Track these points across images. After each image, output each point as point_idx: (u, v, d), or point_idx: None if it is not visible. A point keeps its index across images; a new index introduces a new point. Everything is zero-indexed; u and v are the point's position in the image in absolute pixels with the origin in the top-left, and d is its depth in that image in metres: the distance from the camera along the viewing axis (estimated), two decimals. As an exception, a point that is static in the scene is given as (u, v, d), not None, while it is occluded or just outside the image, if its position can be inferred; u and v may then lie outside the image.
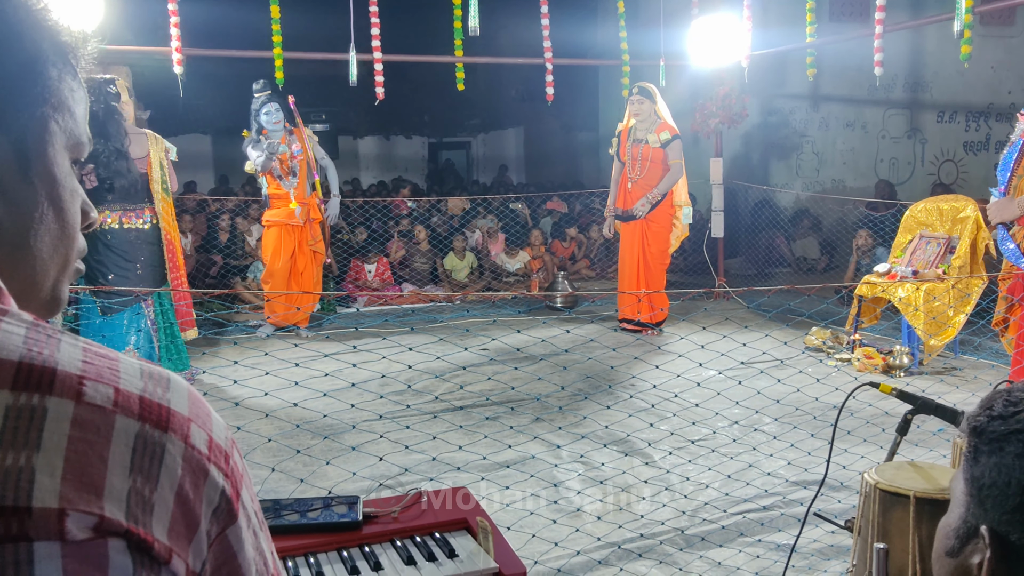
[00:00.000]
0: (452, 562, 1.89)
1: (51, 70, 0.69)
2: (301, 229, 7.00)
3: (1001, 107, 9.30)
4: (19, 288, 0.67)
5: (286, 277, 7.02)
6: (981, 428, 0.89)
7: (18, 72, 0.67)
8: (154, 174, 5.38)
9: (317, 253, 7.15)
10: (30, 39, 0.68)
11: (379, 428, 4.09)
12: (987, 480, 0.86)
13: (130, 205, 5.24)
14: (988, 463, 0.86)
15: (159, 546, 0.59)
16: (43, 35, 0.69)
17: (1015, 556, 0.83)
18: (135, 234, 5.26)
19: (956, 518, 0.91)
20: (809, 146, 11.32)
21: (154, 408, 0.62)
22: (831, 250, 10.02)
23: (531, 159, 17.59)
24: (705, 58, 7.86)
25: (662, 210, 7.10)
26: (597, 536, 3.32)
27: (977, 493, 0.87)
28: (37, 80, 0.68)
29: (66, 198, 0.71)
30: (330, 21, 8.28)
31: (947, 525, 0.93)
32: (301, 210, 6.91)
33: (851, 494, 3.64)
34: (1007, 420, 0.86)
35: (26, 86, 0.67)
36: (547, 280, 9.28)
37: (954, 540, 0.90)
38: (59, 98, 0.70)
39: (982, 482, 0.87)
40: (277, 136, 6.88)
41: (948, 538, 0.92)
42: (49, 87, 0.69)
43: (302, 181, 6.98)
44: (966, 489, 0.90)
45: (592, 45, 13.07)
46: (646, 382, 5.24)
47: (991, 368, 5.86)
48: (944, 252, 5.95)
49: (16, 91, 0.67)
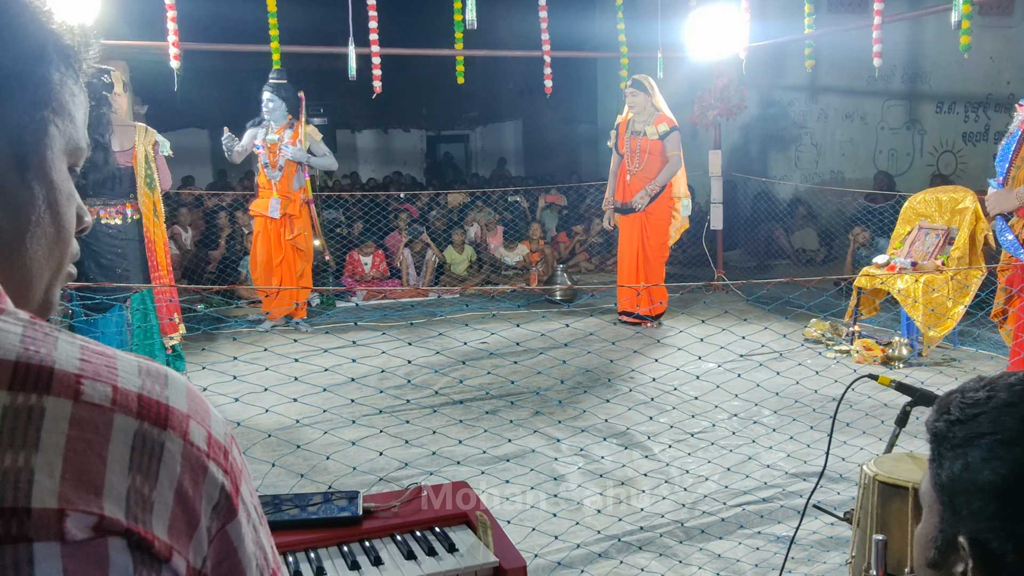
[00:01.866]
0: (452, 556, 1.89)
1: (53, 73, 0.69)
2: (278, 222, 7.00)
3: (1000, 97, 9.29)
4: (13, 290, 0.67)
5: (266, 268, 7.05)
6: (941, 434, 0.86)
7: (20, 74, 0.67)
8: (138, 168, 5.13)
9: (299, 250, 7.07)
10: (33, 42, 0.68)
11: (379, 423, 4.09)
12: (957, 487, 0.83)
13: (110, 200, 5.02)
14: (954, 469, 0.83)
15: (159, 544, 0.59)
16: (47, 38, 0.69)
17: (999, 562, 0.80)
18: (114, 230, 5.01)
19: (932, 527, 0.88)
20: (808, 138, 11.31)
21: (153, 406, 0.62)
22: (830, 242, 10.01)
23: (529, 152, 17.57)
24: (703, 50, 7.85)
25: (661, 202, 7.09)
26: (597, 529, 3.32)
27: (949, 501, 0.84)
28: (39, 83, 0.68)
29: (63, 202, 0.70)
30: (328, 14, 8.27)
31: (924, 535, 0.90)
32: (280, 203, 6.91)
33: (850, 486, 3.65)
34: (967, 424, 0.83)
35: (27, 89, 0.67)
36: (546, 273, 9.28)
37: (933, 551, 0.87)
38: (60, 102, 0.70)
39: (952, 489, 0.84)
40: (277, 125, 6.96)
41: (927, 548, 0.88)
42: (51, 91, 0.69)
43: (287, 175, 6.96)
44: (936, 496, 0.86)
45: (590, 37, 13.04)
46: (645, 375, 5.24)
47: (990, 359, 5.86)
48: (943, 243, 5.95)
49: (17, 93, 0.66)
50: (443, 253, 9.42)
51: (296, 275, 7.07)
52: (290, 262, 7.07)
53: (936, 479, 0.86)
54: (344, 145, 16.75)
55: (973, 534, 0.82)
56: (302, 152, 6.96)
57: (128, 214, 5.08)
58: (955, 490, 0.83)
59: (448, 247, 9.51)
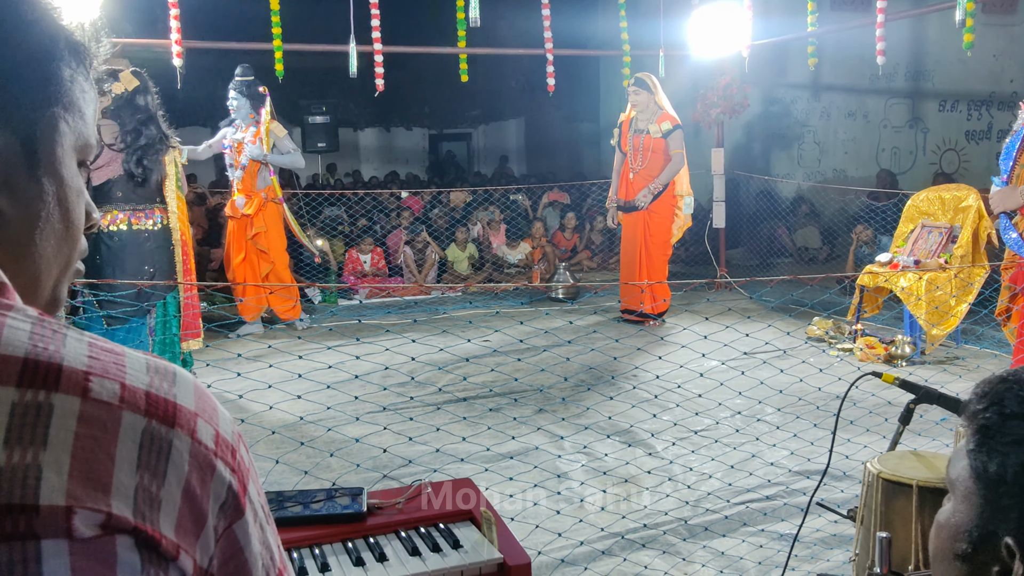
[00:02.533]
0: (457, 553, 1.89)
1: (64, 70, 0.69)
2: (240, 221, 6.86)
3: (1003, 96, 9.26)
4: (21, 286, 0.66)
5: (230, 268, 6.97)
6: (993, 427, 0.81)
7: (31, 71, 0.66)
8: (169, 171, 5.08)
9: (262, 251, 6.88)
10: (44, 38, 0.67)
11: (382, 420, 4.10)
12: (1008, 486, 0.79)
13: (139, 205, 4.94)
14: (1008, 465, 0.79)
15: (167, 543, 0.59)
16: (57, 34, 0.69)
17: None
18: (144, 236, 4.95)
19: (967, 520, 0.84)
20: (810, 136, 11.29)
21: (160, 403, 0.62)
22: (832, 240, 10.00)
23: (532, 150, 17.56)
24: (706, 48, 7.84)
25: (664, 201, 7.09)
26: (600, 526, 3.32)
27: (995, 498, 0.80)
28: (50, 79, 0.68)
29: (72, 198, 0.70)
30: (330, 12, 8.26)
31: (954, 525, 0.86)
32: (245, 201, 6.79)
33: (854, 483, 3.64)
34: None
35: (38, 85, 0.67)
36: (548, 272, 9.28)
37: (966, 544, 0.83)
38: (70, 98, 0.70)
39: (1001, 488, 0.80)
40: (243, 123, 6.83)
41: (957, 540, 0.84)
42: (61, 87, 0.69)
43: (250, 174, 6.81)
44: (976, 489, 0.82)
45: (593, 35, 13.02)
46: (648, 373, 5.24)
47: (993, 357, 5.85)
48: (946, 241, 5.94)
49: (28, 89, 0.66)
50: (445, 251, 9.42)
51: (260, 276, 6.88)
52: (252, 263, 6.92)
53: (981, 471, 0.82)
54: (346, 143, 16.74)
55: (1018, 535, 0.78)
56: (259, 150, 6.72)
57: (158, 219, 5.00)
58: (1004, 490, 0.80)
59: (450, 245, 9.51)
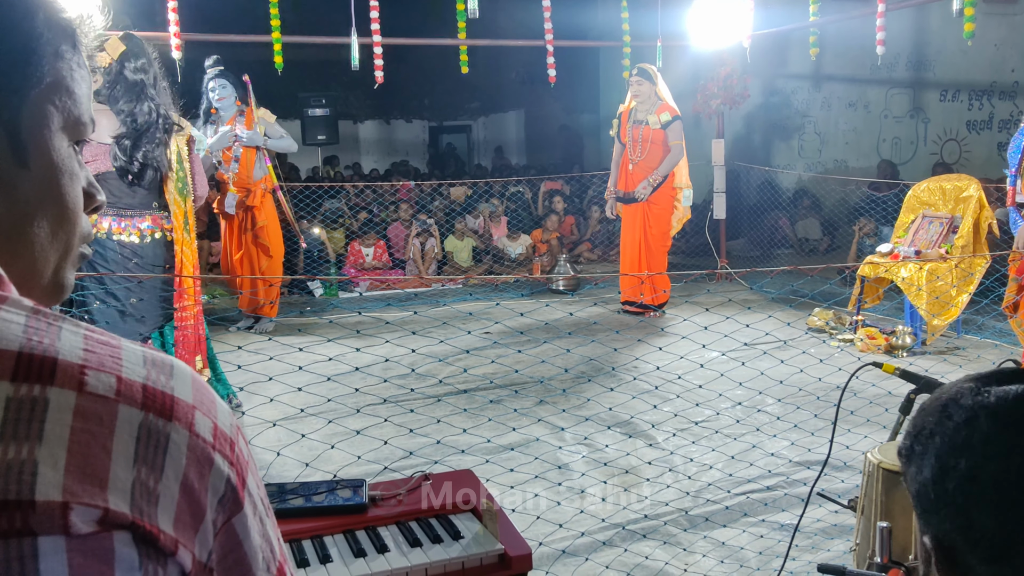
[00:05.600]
0: (458, 543, 1.89)
1: (46, 48, 0.66)
2: (234, 217, 6.61)
3: (1004, 85, 9.23)
4: (20, 275, 0.65)
5: (226, 266, 6.75)
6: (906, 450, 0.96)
7: (11, 51, 0.64)
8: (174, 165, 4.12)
9: (261, 244, 6.61)
10: (20, 17, 0.65)
11: (383, 412, 4.10)
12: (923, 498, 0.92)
13: (126, 210, 3.95)
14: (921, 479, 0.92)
15: (165, 538, 0.58)
16: (36, 12, 0.66)
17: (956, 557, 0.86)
18: (129, 250, 3.94)
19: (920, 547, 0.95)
20: (811, 126, 11.27)
21: (158, 396, 0.61)
22: (833, 231, 9.99)
23: (532, 142, 17.53)
24: (706, 38, 7.81)
25: (663, 192, 7.08)
26: (601, 517, 3.33)
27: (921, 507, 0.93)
28: (30, 60, 0.65)
29: (64, 181, 0.68)
30: (330, 4, 8.22)
31: None
32: (235, 199, 6.52)
33: (854, 474, 3.65)
34: None
35: (18, 67, 0.65)
36: (550, 264, 9.27)
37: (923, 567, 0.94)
38: (56, 78, 0.67)
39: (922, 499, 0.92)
40: (228, 114, 6.53)
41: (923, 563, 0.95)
42: (43, 67, 0.66)
43: (246, 165, 6.54)
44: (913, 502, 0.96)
45: (593, 26, 12.99)
46: (649, 364, 5.24)
47: (994, 347, 5.85)
48: (947, 232, 5.93)
49: (8, 73, 0.64)
50: (444, 243, 9.42)
51: (259, 271, 6.65)
52: (252, 257, 6.64)
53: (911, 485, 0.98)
54: (346, 136, 16.71)
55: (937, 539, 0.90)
56: (258, 136, 6.50)
57: (147, 228, 4.01)
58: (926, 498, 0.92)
59: (450, 236, 9.51)
